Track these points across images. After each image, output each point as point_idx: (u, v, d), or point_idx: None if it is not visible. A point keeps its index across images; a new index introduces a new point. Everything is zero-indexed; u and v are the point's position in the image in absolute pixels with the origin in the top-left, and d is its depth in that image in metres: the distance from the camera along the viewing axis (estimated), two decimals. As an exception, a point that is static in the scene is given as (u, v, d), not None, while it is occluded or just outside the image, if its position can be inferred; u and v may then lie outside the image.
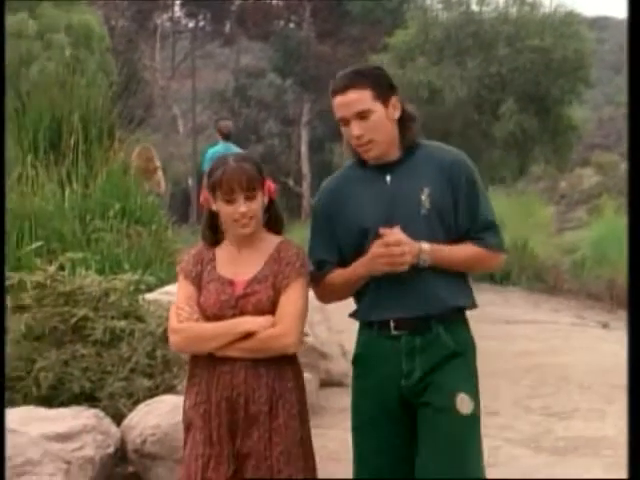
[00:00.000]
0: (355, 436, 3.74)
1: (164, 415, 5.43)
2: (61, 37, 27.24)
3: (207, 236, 3.69)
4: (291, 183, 40.68)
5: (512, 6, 25.19)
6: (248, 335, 3.48)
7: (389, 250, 3.43)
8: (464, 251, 3.58)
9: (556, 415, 7.69)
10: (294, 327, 3.51)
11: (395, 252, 3.43)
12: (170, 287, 7.38)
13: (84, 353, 6.07)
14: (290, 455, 3.51)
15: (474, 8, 25.43)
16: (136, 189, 10.58)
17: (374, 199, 3.60)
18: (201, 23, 49.09)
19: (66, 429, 5.26)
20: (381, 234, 3.46)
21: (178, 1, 47.67)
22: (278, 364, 3.55)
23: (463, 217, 3.59)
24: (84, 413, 5.51)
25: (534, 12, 24.95)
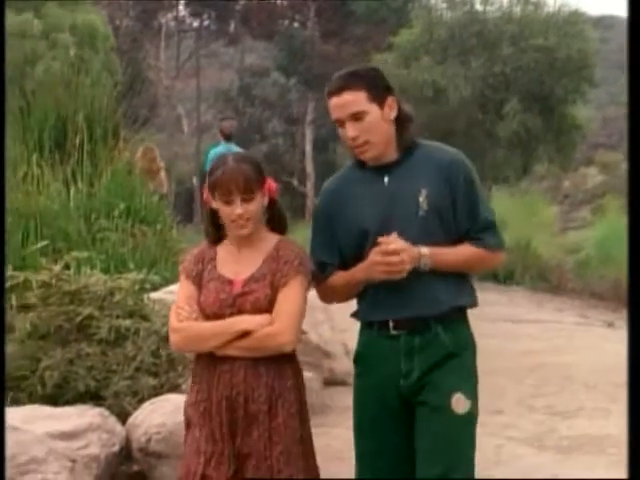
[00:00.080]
0: (356, 435, 3.75)
1: (169, 414, 5.45)
2: (66, 37, 27.25)
3: (210, 233, 3.71)
4: (295, 183, 40.66)
5: (516, 5, 25.17)
6: (246, 334, 3.49)
7: (386, 259, 3.42)
8: (463, 252, 3.58)
9: (560, 414, 7.70)
10: (290, 325, 3.50)
11: (393, 261, 3.42)
12: (175, 286, 7.38)
13: (89, 352, 6.08)
14: (290, 454, 3.51)
15: (478, 7, 25.42)
16: (141, 189, 10.60)
17: (372, 200, 3.59)
18: (205, 22, 49.13)
19: (71, 427, 5.28)
20: (379, 242, 3.45)
21: (183, 0, 47.70)
22: (277, 363, 3.55)
23: (462, 217, 3.58)
24: (89, 412, 5.53)
25: (538, 11, 24.92)
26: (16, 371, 6.01)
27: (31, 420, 5.25)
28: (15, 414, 5.27)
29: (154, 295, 7.21)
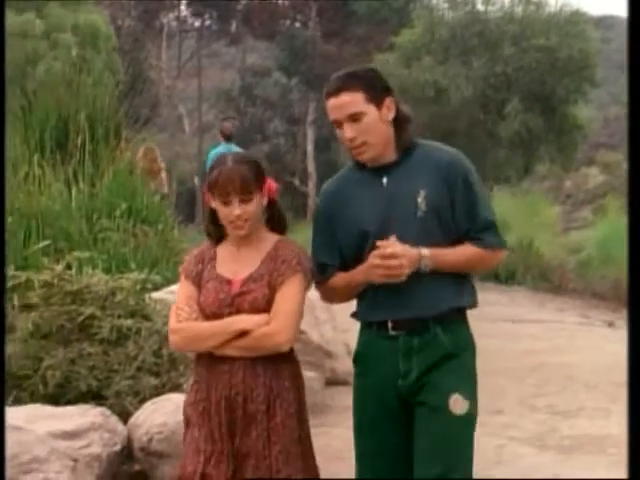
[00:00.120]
0: (356, 435, 3.75)
1: (170, 413, 5.45)
2: (68, 37, 27.28)
3: (211, 232, 3.71)
4: (297, 182, 40.67)
5: (518, 5, 25.18)
6: (244, 333, 3.48)
7: (385, 262, 3.42)
8: (464, 252, 3.56)
9: (561, 414, 7.70)
10: (287, 325, 3.49)
11: (391, 264, 3.41)
12: (176, 286, 7.38)
13: (91, 351, 6.09)
14: (288, 454, 3.51)
15: (480, 7, 25.44)
16: (142, 189, 10.61)
17: (372, 201, 3.59)
18: (207, 22, 49.16)
19: (73, 427, 5.28)
20: (377, 246, 3.45)
21: (184, 0, 47.72)
22: (275, 363, 3.55)
23: (461, 217, 3.56)
24: (91, 411, 5.53)
25: (540, 11, 24.93)
26: (18, 370, 6.02)
27: (33, 419, 5.26)
28: (17, 413, 5.27)
29: (156, 295, 7.22)
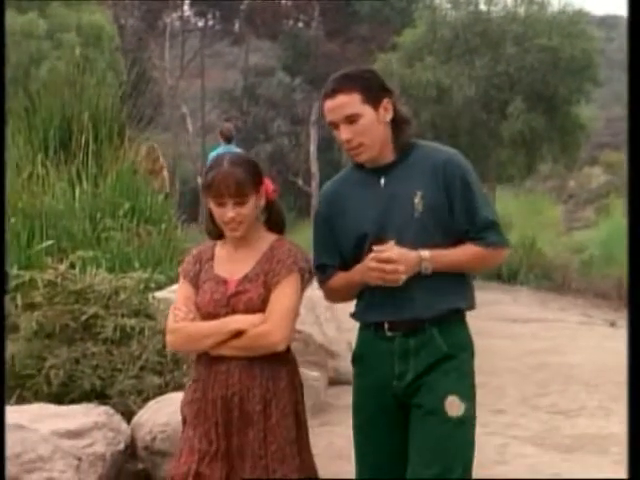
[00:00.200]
0: (356, 435, 3.76)
1: (174, 412, 5.43)
2: (71, 37, 27.29)
3: (211, 231, 3.72)
4: (300, 182, 40.68)
5: (520, 5, 25.13)
6: (240, 333, 3.49)
7: (381, 266, 3.41)
8: (465, 252, 3.54)
9: (563, 413, 7.72)
10: (282, 325, 3.48)
11: (387, 269, 3.41)
12: (180, 285, 7.41)
13: (94, 351, 6.11)
14: (285, 454, 3.51)
15: (482, 7, 25.38)
16: (146, 188, 10.63)
17: (369, 203, 3.58)
18: (210, 22, 49.14)
19: (77, 426, 5.29)
20: (374, 250, 3.44)
21: (187, 0, 47.72)
22: (272, 364, 3.54)
23: (460, 217, 3.54)
24: (94, 410, 5.55)
25: (542, 11, 24.88)
26: (22, 370, 6.04)
27: (37, 419, 5.27)
28: (21, 413, 5.30)
29: (159, 294, 7.23)
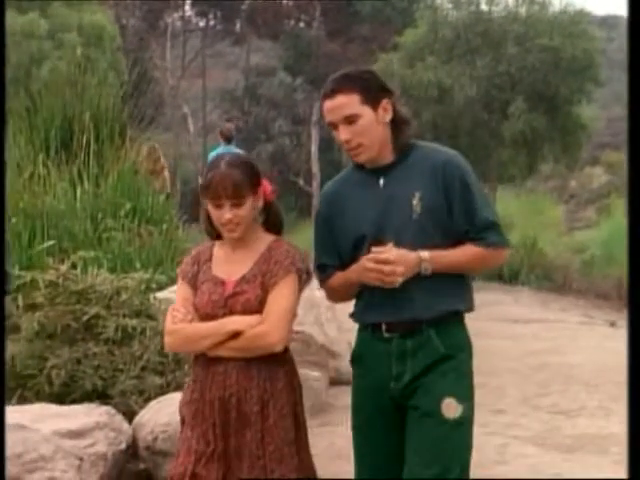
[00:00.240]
0: (354, 435, 3.76)
1: (175, 412, 5.37)
2: (72, 37, 27.30)
3: (210, 231, 3.72)
4: (301, 182, 40.68)
5: (521, 5, 25.15)
6: (237, 334, 3.49)
7: (377, 267, 3.41)
8: (465, 253, 3.53)
9: (564, 413, 7.73)
10: (279, 325, 3.48)
11: (384, 270, 3.41)
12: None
13: (96, 351, 6.12)
14: (282, 454, 3.51)
15: (483, 7, 25.40)
16: (147, 188, 10.63)
17: (368, 203, 3.58)
18: (211, 22, 49.17)
19: (78, 426, 5.30)
20: (372, 251, 3.44)
21: (189, 0, 47.74)
22: (269, 365, 3.54)
23: (459, 218, 3.53)
24: (96, 410, 5.55)
25: (543, 11, 24.89)
26: (23, 370, 6.05)
27: (39, 419, 5.28)
28: (22, 413, 5.31)
29: (160, 294, 7.24)
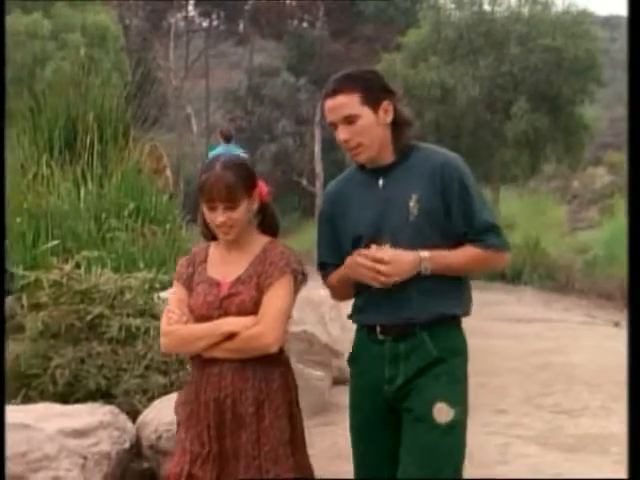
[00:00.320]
0: (352, 435, 3.78)
1: (179, 412, 5.48)
2: (76, 37, 27.30)
3: (205, 232, 3.73)
4: (304, 182, 40.67)
5: (524, 5, 25.19)
6: (232, 336, 3.49)
7: (372, 264, 3.43)
8: (464, 254, 3.52)
9: (566, 413, 7.74)
10: (275, 326, 3.49)
11: (377, 269, 3.42)
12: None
13: (100, 350, 6.13)
14: (278, 455, 3.51)
15: (486, 7, 25.45)
16: (150, 188, 10.64)
17: (368, 203, 3.59)
18: (215, 22, 49.12)
19: (82, 425, 5.31)
20: (370, 246, 3.45)
21: (192, 0, 47.72)
22: (264, 365, 3.55)
23: (458, 220, 3.52)
24: (100, 409, 5.57)
25: (546, 11, 24.92)
26: (27, 369, 6.07)
27: (43, 418, 5.29)
28: (27, 412, 5.33)
29: (164, 294, 7.24)
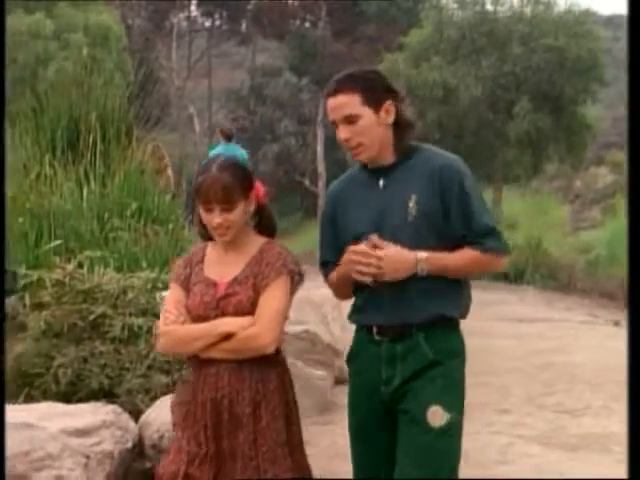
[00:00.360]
0: (350, 435, 3.78)
1: (181, 411, 5.48)
2: (78, 37, 27.33)
3: (202, 233, 3.74)
4: (307, 182, 40.70)
5: (527, 5, 25.19)
6: (229, 336, 3.49)
7: (355, 258, 3.45)
8: (462, 257, 3.52)
9: (568, 412, 7.74)
10: (271, 327, 3.49)
11: (373, 264, 3.43)
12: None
13: (102, 350, 6.14)
14: (275, 455, 3.51)
15: (489, 7, 25.47)
16: (153, 188, 10.63)
17: (368, 203, 3.60)
18: (217, 22, 49.20)
19: (85, 424, 5.31)
20: (368, 239, 3.46)
21: (194, 0, 47.77)
22: (261, 366, 3.55)
23: (456, 223, 3.52)
24: (102, 409, 5.56)
25: (548, 11, 24.94)
26: (30, 369, 6.08)
27: (45, 417, 5.29)
28: (29, 411, 5.33)
29: (166, 294, 7.25)
